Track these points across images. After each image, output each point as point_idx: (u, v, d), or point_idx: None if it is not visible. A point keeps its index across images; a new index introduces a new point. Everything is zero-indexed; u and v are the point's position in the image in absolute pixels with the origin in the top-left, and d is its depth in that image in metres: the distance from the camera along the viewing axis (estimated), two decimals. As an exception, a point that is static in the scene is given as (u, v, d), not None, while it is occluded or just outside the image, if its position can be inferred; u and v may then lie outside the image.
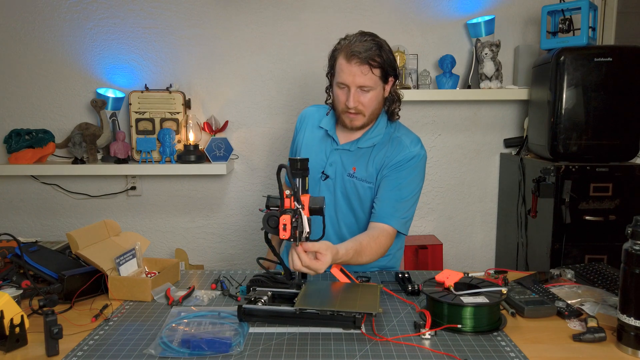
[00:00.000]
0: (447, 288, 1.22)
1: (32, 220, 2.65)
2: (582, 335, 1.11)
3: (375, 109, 1.64)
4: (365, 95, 1.58)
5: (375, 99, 1.61)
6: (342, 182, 1.67)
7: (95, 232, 1.47)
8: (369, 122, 1.66)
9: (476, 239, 2.71)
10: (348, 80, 1.56)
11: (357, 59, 1.53)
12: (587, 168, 2.03)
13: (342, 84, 1.58)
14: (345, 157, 1.68)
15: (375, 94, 1.60)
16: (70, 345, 1.10)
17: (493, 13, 2.49)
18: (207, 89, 2.57)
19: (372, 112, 1.64)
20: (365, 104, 1.59)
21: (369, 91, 1.58)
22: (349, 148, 1.68)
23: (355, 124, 1.64)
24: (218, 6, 2.52)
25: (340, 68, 1.57)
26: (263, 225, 1.28)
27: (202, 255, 2.69)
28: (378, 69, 1.56)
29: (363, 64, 1.53)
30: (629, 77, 2.06)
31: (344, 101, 1.59)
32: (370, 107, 1.61)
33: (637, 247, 1.04)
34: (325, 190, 1.68)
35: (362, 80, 1.55)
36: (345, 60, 1.55)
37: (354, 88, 1.56)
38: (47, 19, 2.51)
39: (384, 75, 1.59)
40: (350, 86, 1.56)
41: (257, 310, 1.19)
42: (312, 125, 1.77)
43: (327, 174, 1.67)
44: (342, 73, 1.57)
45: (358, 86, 1.56)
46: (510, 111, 2.62)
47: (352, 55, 1.53)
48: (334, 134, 1.70)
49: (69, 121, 2.56)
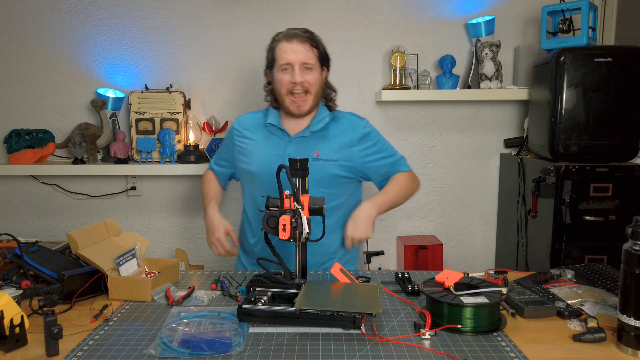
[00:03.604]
0: (447, 288, 1.22)
1: (32, 220, 2.66)
2: (582, 336, 1.11)
3: (318, 90, 1.74)
4: (309, 73, 1.69)
5: (317, 79, 1.72)
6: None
7: (95, 232, 1.47)
8: (314, 106, 1.75)
9: (476, 239, 2.71)
10: (292, 58, 1.66)
11: (298, 38, 1.67)
12: (587, 168, 2.03)
13: (286, 64, 1.67)
14: (303, 145, 1.73)
15: (317, 74, 1.71)
16: (70, 345, 1.10)
17: (493, 13, 2.49)
18: (207, 89, 2.57)
19: (316, 94, 1.73)
20: (310, 82, 1.69)
21: (311, 69, 1.69)
22: (303, 135, 1.74)
23: (303, 109, 1.72)
24: (218, 6, 2.52)
25: (283, 50, 1.67)
26: (262, 226, 1.28)
27: (202, 255, 2.69)
28: (317, 50, 1.70)
29: (304, 42, 1.67)
30: (629, 77, 2.05)
31: (290, 80, 1.68)
32: (314, 85, 1.71)
33: (637, 247, 1.04)
34: None
35: (305, 56, 1.66)
36: (286, 42, 1.67)
37: (298, 65, 1.66)
38: (47, 19, 2.51)
39: (321, 58, 1.72)
40: (295, 64, 1.66)
41: (257, 310, 1.19)
42: (255, 128, 1.81)
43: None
44: (285, 54, 1.67)
45: (302, 62, 1.66)
46: (510, 111, 2.62)
47: (293, 36, 1.67)
48: (283, 127, 1.76)
49: (69, 121, 2.56)
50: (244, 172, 1.80)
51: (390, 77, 2.50)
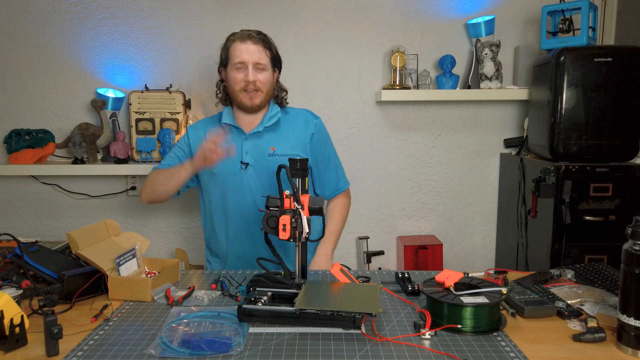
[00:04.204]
0: (447, 288, 1.22)
1: (32, 220, 2.65)
2: (582, 336, 1.11)
3: (270, 89, 1.81)
4: (261, 73, 1.76)
5: (269, 79, 1.79)
6: (265, 164, 1.77)
7: (95, 232, 1.47)
8: (265, 103, 1.81)
9: (476, 239, 2.71)
10: (245, 58, 1.73)
11: (251, 39, 1.74)
12: (587, 168, 2.03)
13: (240, 63, 1.74)
14: (259, 141, 1.80)
15: (269, 75, 1.78)
16: (70, 345, 1.10)
17: (493, 13, 2.49)
18: (207, 89, 2.57)
19: (268, 92, 1.80)
20: (262, 81, 1.76)
21: (263, 70, 1.75)
22: (257, 130, 1.80)
23: (255, 102, 1.77)
24: (218, 6, 2.52)
25: (237, 49, 1.74)
26: (262, 226, 1.28)
27: (202, 255, 2.69)
28: (269, 51, 1.77)
29: (257, 43, 1.74)
30: (629, 77, 2.05)
31: (242, 78, 1.75)
32: (266, 84, 1.78)
33: (637, 247, 1.04)
34: (250, 178, 1.77)
35: (258, 57, 1.74)
36: (240, 42, 1.74)
37: (251, 65, 1.74)
38: (47, 19, 2.51)
39: (273, 59, 1.80)
40: (248, 63, 1.73)
41: (257, 310, 1.19)
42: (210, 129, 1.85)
43: (246, 162, 1.77)
44: (239, 53, 1.74)
45: (255, 62, 1.74)
46: (510, 111, 2.62)
47: (247, 37, 1.74)
48: (237, 125, 1.82)
49: (69, 121, 2.56)
50: (205, 174, 1.84)
51: (390, 77, 2.50)
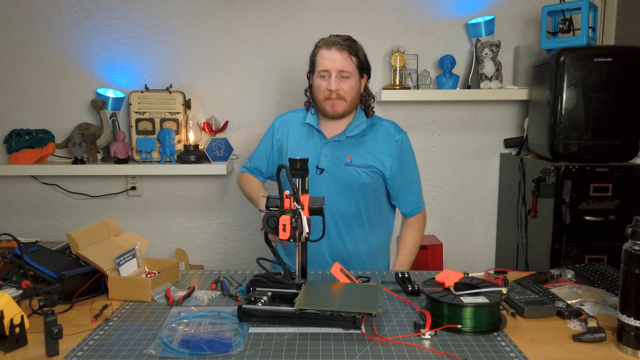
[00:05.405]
0: (447, 288, 1.22)
1: (32, 220, 2.65)
2: (582, 336, 1.11)
3: (354, 97, 1.76)
4: (345, 81, 1.72)
5: (354, 87, 1.74)
6: (340, 173, 1.73)
7: (95, 232, 1.47)
8: (349, 111, 1.76)
9: (476, 239, 2.71)
10: (329, 66, 1.70)
11: (337, 46, 1.70)
12: (587, 168, 2.03)
13: (324, 71, 1.71)
14: (338, 149, 1.76)
15: (353, 82, 1.73)
16: (70, 346, 1.10)
17: (493, 13, 2.49)
18: (207, 89, 2.57)
19: (352, 100, 1.75)
20: (345, 90, 1.71)
21: (348, 77, 1.71)
22: (338, 139, 1.76)
23: (337, 109, 1.73)
24: (218, 6, 2.52)
25: (322, 57, 1.72)
26: (262, 226, 1.28)
27: (202, 255, 2.69)
28: (355, 58, 1.72)
29: (343, 50, 1.70)
30: (629, 77, 2.05)
31: (326, 87, 1.71)
32: (350, 93, 1.73)
33: (637, 247, 1.04)
34: (323, 184, 1.74)
35: (342, 64, 1.69)
36: (326, 49, 1.71)
37: (335, 73, 1.70)
38: (47, 19, 2.51)
39: (360, 66, 1.74)
40: (332, 71, 1.70)
41: (257, 310, 1.19)
42: (295, 126, 1.84)
43: (322, 168, 1.74)
44: (323, 61, 1.71)
45: (339, 70, 1.70)
46: (510, 111, 2.62)
47: (333, 44, 1.71)
48: (320, 129, 1.78)
49: (69, 121, 2.56)
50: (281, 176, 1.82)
51: (390, 77, 2.50)
